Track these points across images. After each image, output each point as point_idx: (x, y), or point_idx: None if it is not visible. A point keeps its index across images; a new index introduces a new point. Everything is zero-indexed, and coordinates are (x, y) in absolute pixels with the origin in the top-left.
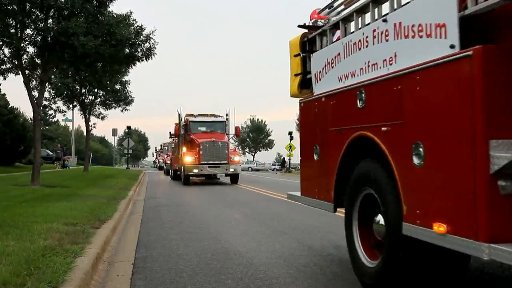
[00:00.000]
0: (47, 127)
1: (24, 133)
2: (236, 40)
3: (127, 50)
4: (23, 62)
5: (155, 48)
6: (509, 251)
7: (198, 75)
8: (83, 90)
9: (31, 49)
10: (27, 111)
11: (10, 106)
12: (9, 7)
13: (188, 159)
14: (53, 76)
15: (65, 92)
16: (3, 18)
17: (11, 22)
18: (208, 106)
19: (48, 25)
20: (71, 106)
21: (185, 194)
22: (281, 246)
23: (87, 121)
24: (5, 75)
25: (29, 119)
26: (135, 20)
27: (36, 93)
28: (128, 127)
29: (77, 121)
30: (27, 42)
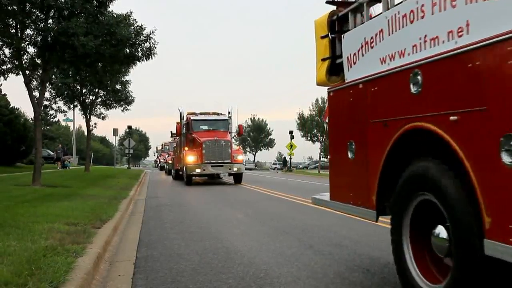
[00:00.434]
0: (48, 127)
1: (25, 133)
2: (236, 40)
3: (128, 50)
4: (23, 62)
5: (155, 47)
6: None
7: (198, 75)
8: (84, 90)
9: (31, 49)
10: (28, 111)
11: (11, 106)
12: (9, 7)
13: (190, 158)
14: (53, 76)
15: (65, 92)
16: (3, 18)
17: (11, 22)
18: (209, 105)
19: (48, 25)
20: (71, 106)
21: (186, 193)
22: (282, 245)
23: (88, 121)
24: (6, 76)
25: (30, 119)
26: (135, 20)
27: (36, 93)
28: (129, 127)
29: (78, 121)
30: (27, 43)
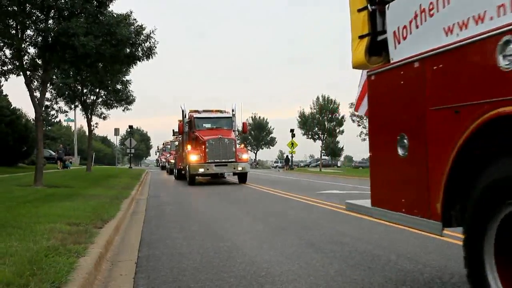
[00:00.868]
0: (50, 128)
1: (27, 133)
2: (236, 40)
3: (128, 50)
4: (24, 63)
5: (156, 47)
6: None
7: (198, 75)
8: (85, 90)
9: (32, 50)
10: (30, 112)
11: (12, 107)
12: (9, 8)
13: (193, 158)
14: (54, 77)
15: (66, 93)
16: (3, 19)
17: (11, 23)
18: (210, 104)
19: (49, 25)
20: (73, 106)
21: (188, 193)
22: (283, 244)
23: (89, 121)
24: (7, 76)
25: (32, 120)
26: (135, 19)
27: (37, 94)
28: (130, 127)
29: (79, 121)
30: (27, 43)
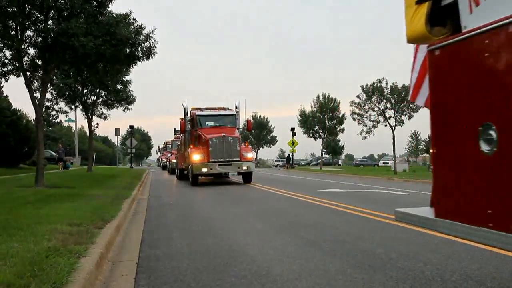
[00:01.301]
0: (50, 128)
1: (28, 134)
2: (236, 39)
3: (128, 50)
4: (24, 63)
5: (156, 47)
6: None
7: (199, 74)
8: (85, 91)
9: (31, 51)
10: (30, 112)
11: (13, 107)
12: (9, 9)
13: (196, 157)
14: (54, 77)
15: (67, 93)
16: (3, 20)
17: (11, 24)
18: (211, 104)
19: (48, 26)
20: (73, 106)
21: (189, 193)
22: (284, 243)
23: (89, 121)
24: (7, 77)
25: (32, 121)
26: (134, 19)
27: (38, 95)
28: (131, 126)
29: (80, 122)
30: (27, 44)
